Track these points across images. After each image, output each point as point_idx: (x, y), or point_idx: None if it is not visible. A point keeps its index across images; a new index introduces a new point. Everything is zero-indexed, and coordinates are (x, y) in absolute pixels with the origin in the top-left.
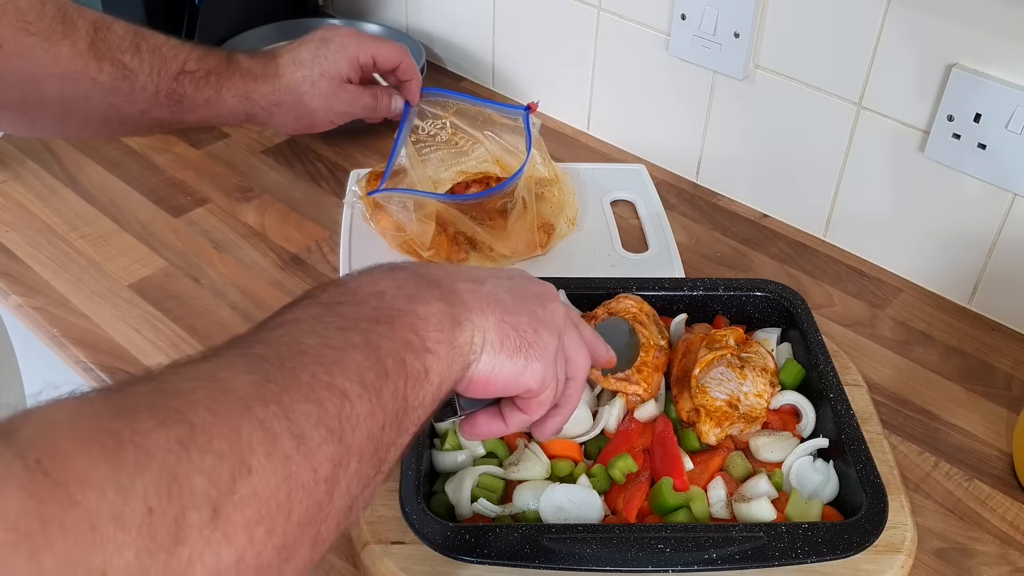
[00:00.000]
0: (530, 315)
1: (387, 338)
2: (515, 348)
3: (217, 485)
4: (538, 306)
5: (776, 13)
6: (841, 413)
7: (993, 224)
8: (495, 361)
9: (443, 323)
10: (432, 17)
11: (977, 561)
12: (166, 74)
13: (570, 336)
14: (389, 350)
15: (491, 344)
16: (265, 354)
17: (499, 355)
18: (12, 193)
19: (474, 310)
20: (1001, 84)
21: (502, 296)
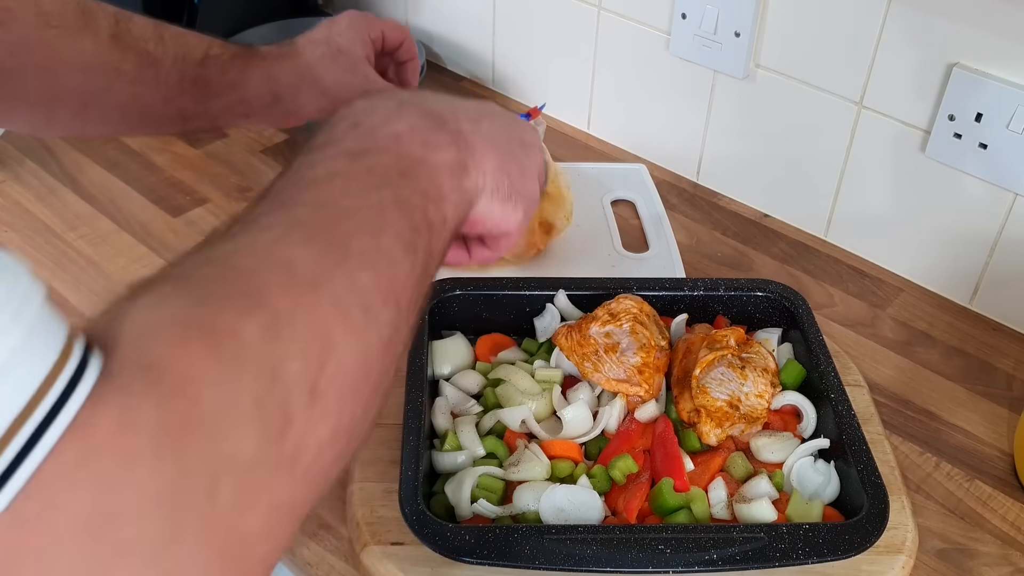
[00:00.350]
0: (518, 163)
1: (412, 191)
2: (507, 195)
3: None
4: (523, 153)
5: (777, 12)
6: (842, 413)
7: (994, 224)
8: (489, 205)
9: (454, 170)
10: (432, 17)
11: (978, 562)
12: (191, 60)
13: None
14: (416, 204)
15: (488, 189)
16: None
17: (493, 200)
18: (11, 193)
19: (476, 153)
20: (1002, 84)
21: (498, 139)
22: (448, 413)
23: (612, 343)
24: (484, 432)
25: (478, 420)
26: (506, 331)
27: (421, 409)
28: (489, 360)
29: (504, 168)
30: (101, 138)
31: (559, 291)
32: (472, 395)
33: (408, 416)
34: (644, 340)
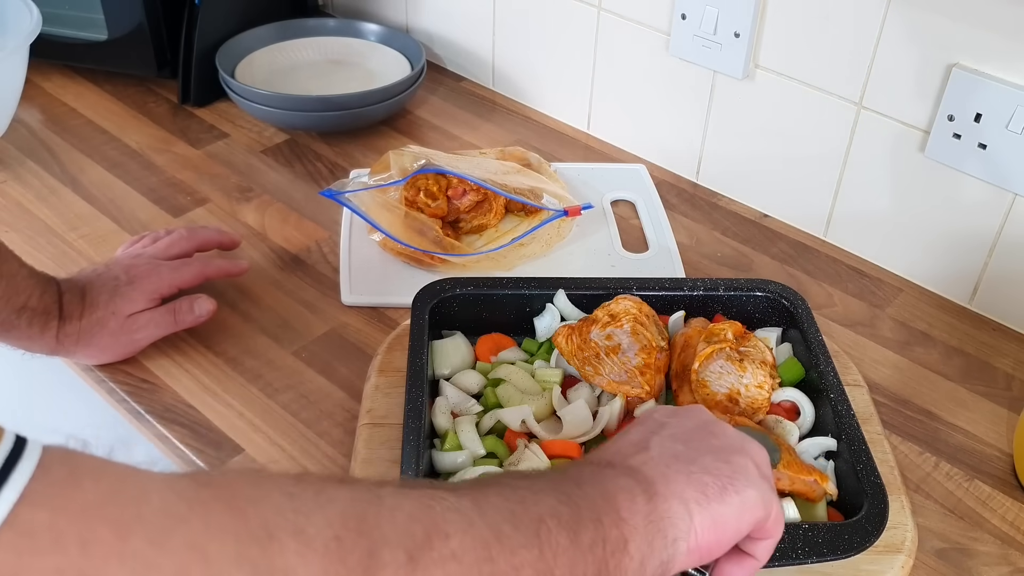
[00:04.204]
0: (711, 451)
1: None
2: (720, 490)
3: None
4: (710, 435)
5: (776, 13)
6: (842, 413)
7: (994, 224)
8: (711, 513)
9: (634, 495)
10: (432, 17)
11: (978, 561)
12: (11, 305)
13: None
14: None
15: (695, 502)
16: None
17: (711, 505)
18: (12, 193)
19: (658, 481)
20: (1001, 84)
21: (675, 448)
22: (448, 413)
23: (613, 345)
24: (484, 432)
25: (478, 420)
26: (506, 331)
27: (421, 409)
28: (489, 360)
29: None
30: (102, 138)
31: (559, 291)
32: (472, 395)
33: (408, 416)
34: (645, 341)
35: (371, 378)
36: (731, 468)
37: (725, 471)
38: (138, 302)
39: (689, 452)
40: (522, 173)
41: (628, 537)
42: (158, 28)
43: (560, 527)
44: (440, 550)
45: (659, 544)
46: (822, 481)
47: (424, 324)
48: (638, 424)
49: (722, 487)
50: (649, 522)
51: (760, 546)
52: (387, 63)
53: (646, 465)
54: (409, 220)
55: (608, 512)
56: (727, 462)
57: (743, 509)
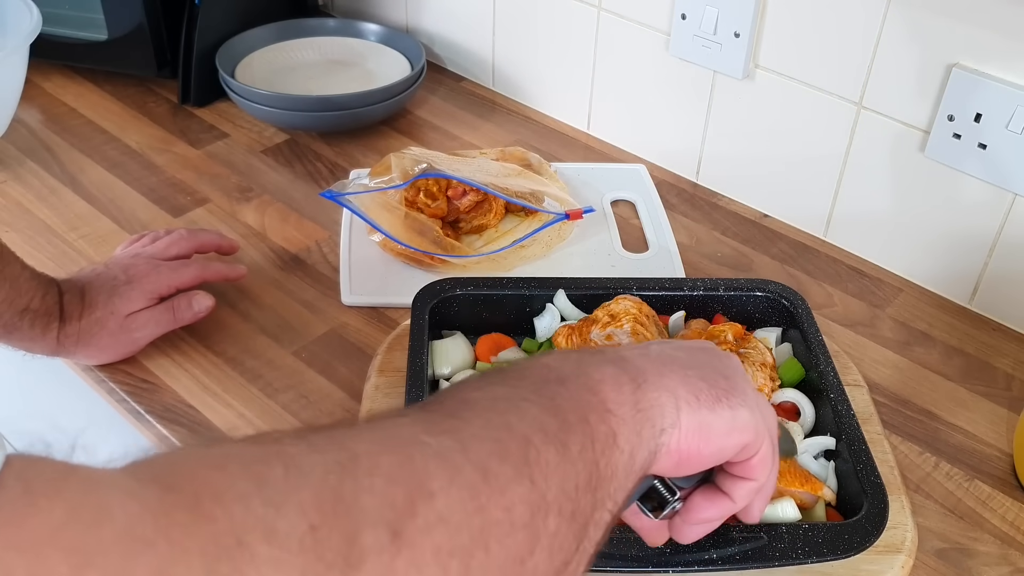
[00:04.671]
0: (711, 366)
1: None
2: (714, 399)
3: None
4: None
5: (776, 13)
6: (842, 413)
7: (994, 224)
8: (699, 417)
9: (620, 383)
10: (432, 17)
11: (978, 561)
12: (13, 308)
13: None
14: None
15: (685, 401)
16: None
17: (700, 410)
18: (12, 193)
19: (650, 371)
20: (1001, 84)
21: (675, 355)
22: None
23: (613, 345)
24: None
25: None
26: (506, 331)
27: None
28: (489, 360)
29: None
30: (102, 138)
31: (559, 291)
32: None
33: None
34: (645, 341)
35: (371, 378)
36: (729, 384)
37: (722, 384)
38: (136, 301)
39: (689, 359)
40: (523, 176)
41: (617, 430)
42: (158, 28)
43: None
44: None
45: (647, 434)
46: (816, 491)
47: (424, 324)
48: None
49: (716, 397)
50: (637, 411)
51: (739, 487)
52: (387, 63)
53: (640, 358)
54: (409, 220)
55: (595, 407)
56: (727, 378)
57: (733, 427)
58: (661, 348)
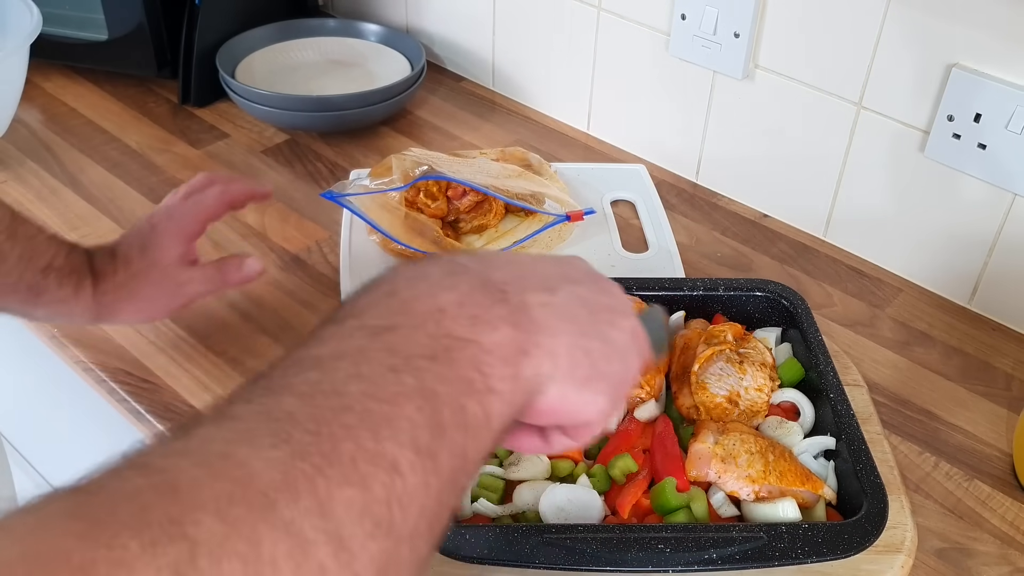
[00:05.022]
0: (602, 339)
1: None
2: (585, 379)
3: None
4: (609, 324)
5: (776, 13)
6: (841, 413)
7: (993, 224)
8: (563, 391)
9: (509, 355)
10: (432, 17)
11: (977, 561)
12: (34, 266)
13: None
14: (447, 396)
15: (562, 371)
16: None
17: (567, 384)
18: (12, 193)
19: (544, 331)
20: (1001, 84)
21: (576, 311)
22: None
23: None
24: None
25: None
26: None
27: None
28: None
29: (582, 346)
30: (102, 138)
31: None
32: None
33: None
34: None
35: None
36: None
37: (601, 365)
38: (171, 247)
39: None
40: (524, 177)
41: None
42: (158, 28)
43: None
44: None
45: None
46: (816, 490)
47: None
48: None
49: (588, 378)
50: (516, 383)
51: (558, 440)
52: (387, 63)
53: (544, 308)
54: (409, 221)
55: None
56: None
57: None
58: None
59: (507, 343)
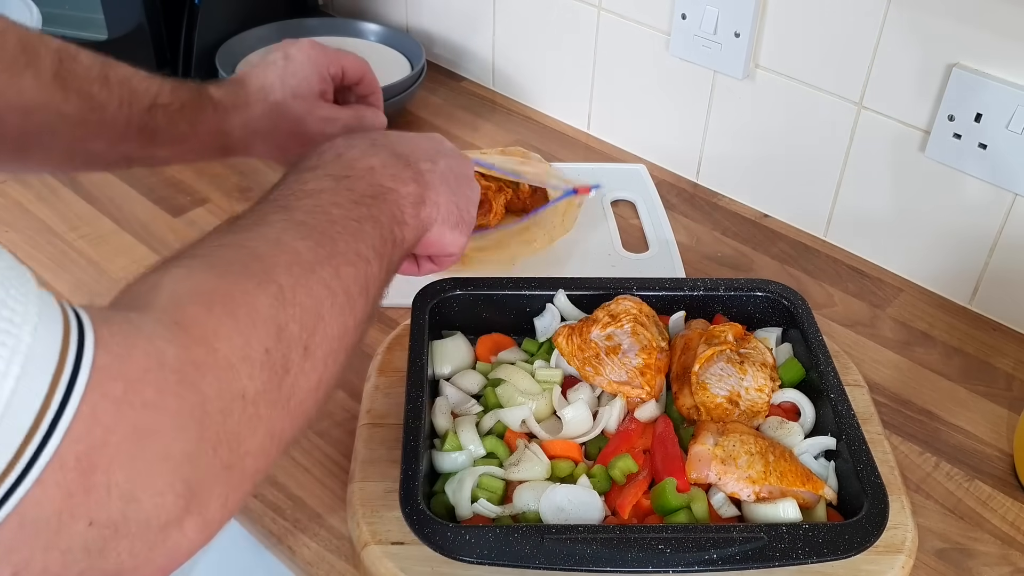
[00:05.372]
0: (464, 196)
1: (384, 212)
2: (455, 223)
3: (305, 330)
4: (468, 187)
5: (776, 13)
6: (842, 413)
7: (994, 224)
8: (441, 231)
9: (415, 202)
10: (432, 17)
11: (978, 562)
12: (137, 106)
13: None
14: (384, 222)
15: (442, 217)
16: (308, 222)
17: (444, 227)
18: (12, 193)
19: (432, 188)
20: (1002, 84)
21: (449, 177)
22: (448, 413)
23: (613, 345)
24: (484, 432)
25: (478, 420)
26: (506, 331)
27: (421, 409)
28: (489, 360)
29: (454, 201)
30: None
31: (559, 291)
32: (472, 395)
33: (408, 416)
34: (645, 341)
35: (371, 378)
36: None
37: (465, 214)
38: (312, 80)
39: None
40: (527, 163)
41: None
42: (158, 28)
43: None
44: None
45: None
46: (817, 491)
47: (424, 324)
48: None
49: (456, 222)
50: (418, 220)
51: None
52: (387, 63)
53: (431, 174)
54: None
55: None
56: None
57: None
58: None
59: (413, 193)
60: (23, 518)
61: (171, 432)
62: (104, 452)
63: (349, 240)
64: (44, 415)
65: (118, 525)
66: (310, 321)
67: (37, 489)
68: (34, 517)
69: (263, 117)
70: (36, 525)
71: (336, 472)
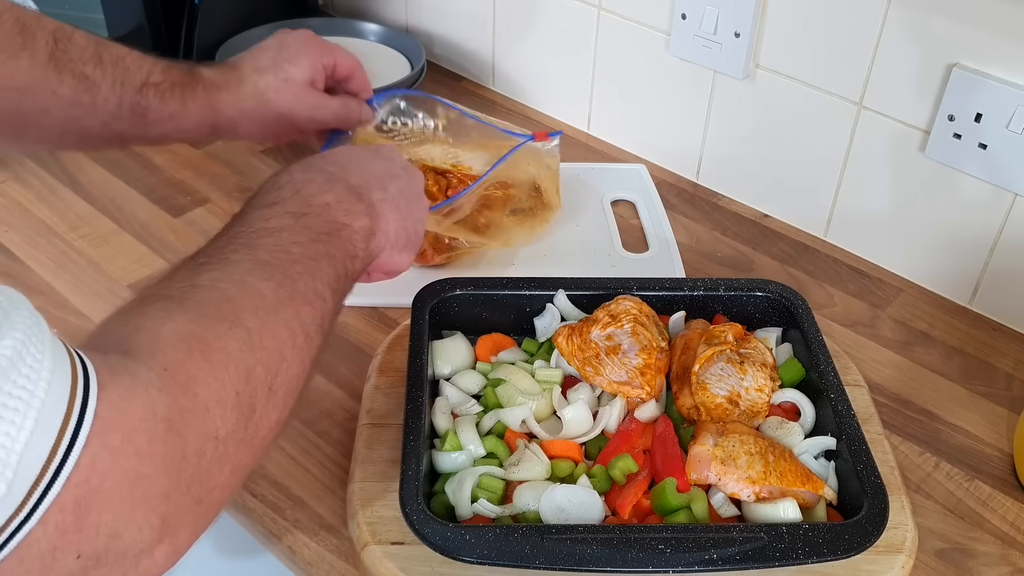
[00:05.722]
0: (413, 218)
1: (338, 248)
2: (404, 246)
3: (270, 372)
4: (417, 207)
5: (776, 13)
6: (842, 413)
7: (994, 224)
8: (390, 255)
9: (366, 236)
10: (432, 17)
11: (978, 562)
12: (130, 86)
13: None
14: (339, 258)
15: (391, 243)
16: (270, 261)
17: (392, 251)
18: (12, 193)
19: (382, 219)
20: (1002, 84)
21: (400, 202)
22: (448, 413)
23: (613, 345)
24: (484, 432)
25: (478, 420)
26: (506, 331)
27: (421, 409)
28: (489, 360)
29: (403, 226)
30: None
31: (559, 291)
32: (472, 395)
33: (408, 416)
34: (646, 341)
35: (371, 378)
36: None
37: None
38: (305, 65)
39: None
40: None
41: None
42: (158, 28)
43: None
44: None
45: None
46: (817, 490)
47: (424, 324)
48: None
49: (406, 244)
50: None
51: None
52: (387, 63)
53: (383, 203)
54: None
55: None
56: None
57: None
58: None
59: (365, 227)
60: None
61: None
62: (98, 496)
63: (308, 280)
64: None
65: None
66: (274, 363)
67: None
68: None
69: (253, 99)
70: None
71: (336, 472)
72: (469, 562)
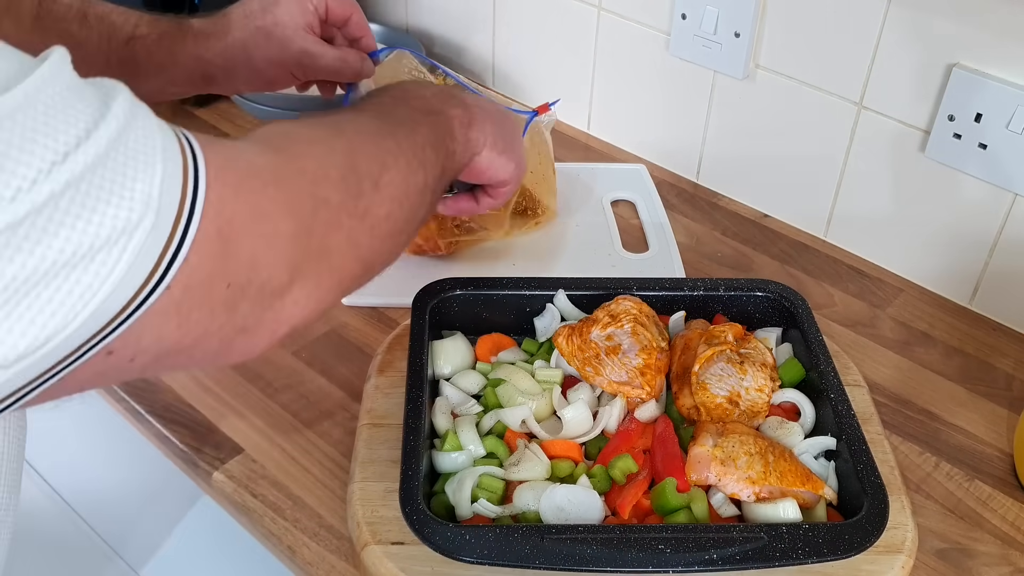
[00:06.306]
0: (509, 129)
1: (436, 124)
2: (503, 149)
3: (373, 170)
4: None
5: (776, 13)
6: (842, 413)
7: (994, 224)
8: (491, 156)
9: (464, 123)
10: (432, 17)
11: (978, 562)
12: (116, 40)
13: None
14: (439, 133)
15: (490, 143)
16: (380, 114)
17: (492, 151)
18: None
19: (478, 118)
20: (1002, 84)
21: (492, 111)
22: (448, 413)
23: (613, 345)
24: (484, 432)
25: (478, 420)
26: (506, 331)
27: (421, 409)
28: (489, 360)
29: (500, 131)
30: None
31: (559, 291)
32: (472, 395)
33: (408, 416)
34: (646, 341)
35: (371, 378)
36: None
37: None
38: (294, 10)
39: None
40: None
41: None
42: None
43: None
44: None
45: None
46: (817, 491)
47: (424, 324)
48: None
49: (504, 148)
50: (467, 140)
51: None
52: None
53: (476, 107)
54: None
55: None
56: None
57: (503, 169)
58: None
59: (462, 116)
60: (188, 281)
61: (277, 216)
62: (233, 226)
63: (408, 131)
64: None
65: (244, 288)
66: (375, 166)
67: (194, 256)
68: (195, 281)
69: (243, 44)
70: (195, 288)
71: (336, 472)
72: (469, 562)
